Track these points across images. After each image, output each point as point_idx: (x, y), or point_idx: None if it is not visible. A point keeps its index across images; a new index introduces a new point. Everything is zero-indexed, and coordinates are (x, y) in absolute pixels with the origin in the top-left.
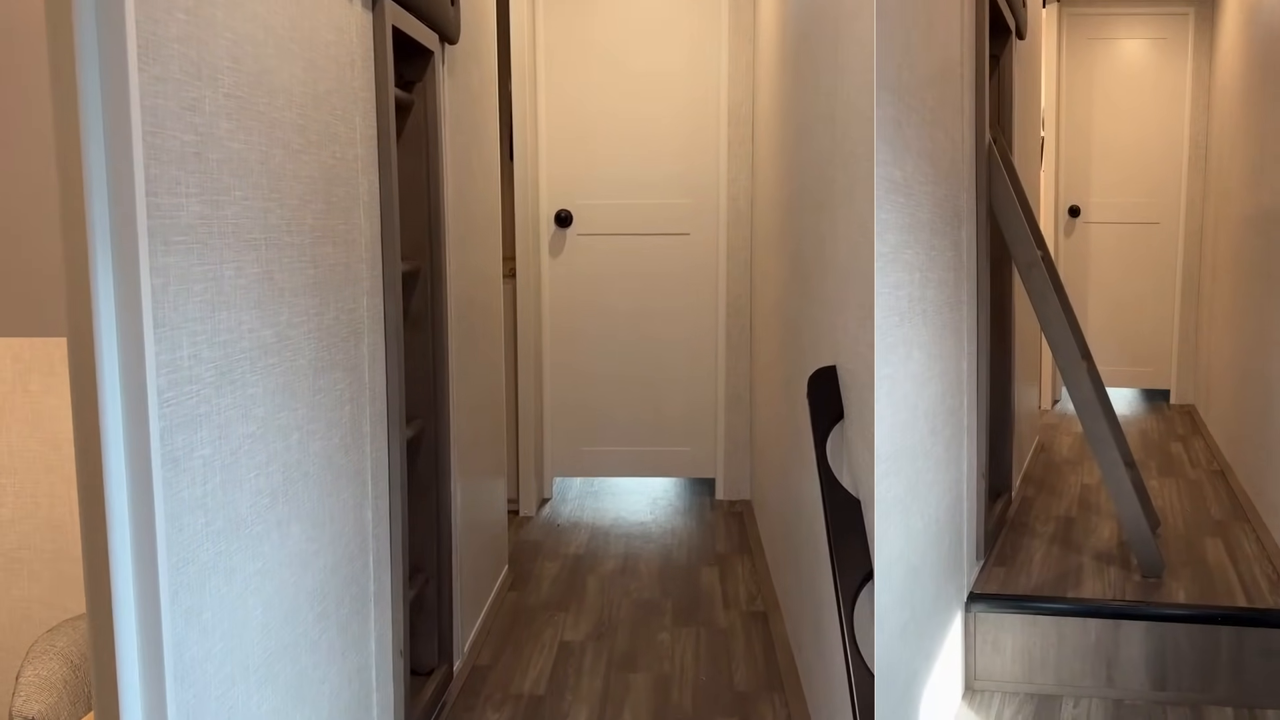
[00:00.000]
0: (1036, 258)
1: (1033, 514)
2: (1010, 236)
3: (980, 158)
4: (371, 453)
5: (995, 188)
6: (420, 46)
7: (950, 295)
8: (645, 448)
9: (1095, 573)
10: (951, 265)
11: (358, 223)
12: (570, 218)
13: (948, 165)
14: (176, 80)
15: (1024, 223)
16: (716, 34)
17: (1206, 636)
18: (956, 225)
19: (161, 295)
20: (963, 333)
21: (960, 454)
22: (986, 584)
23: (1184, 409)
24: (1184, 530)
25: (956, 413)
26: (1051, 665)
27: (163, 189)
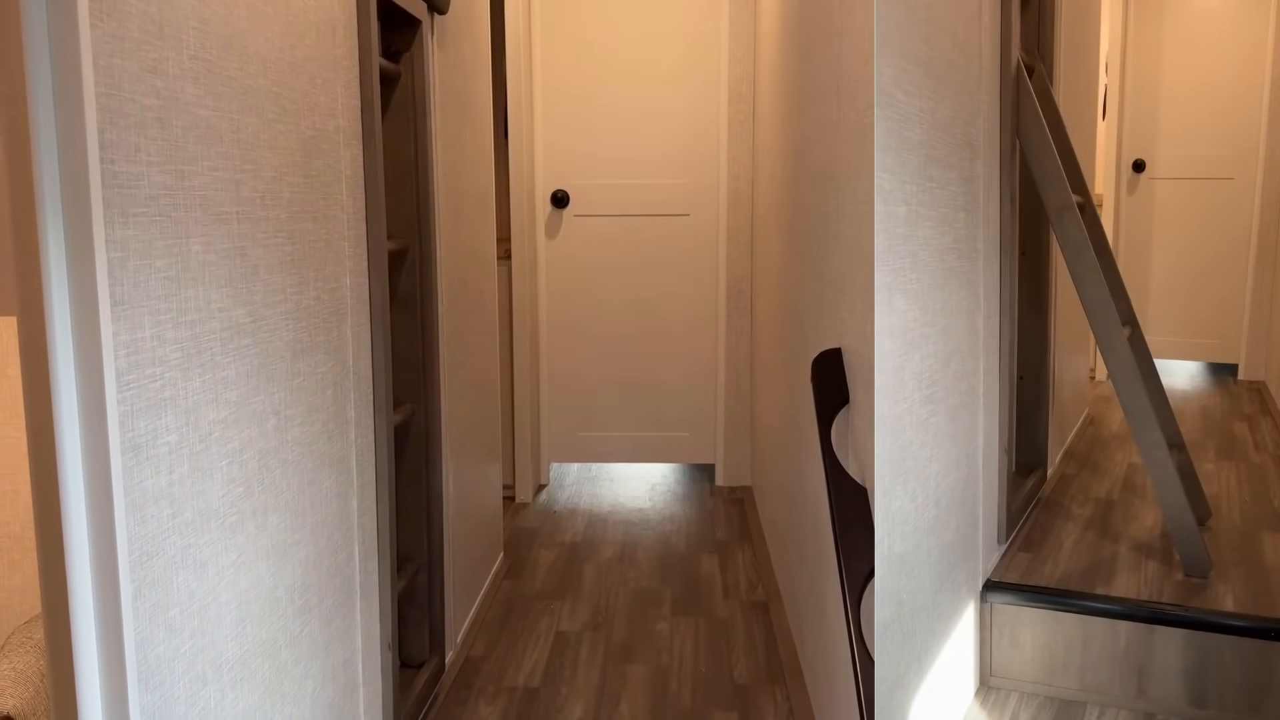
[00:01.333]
0: (1070, 201)
1: (1070, 494)
2: (1039, 175)
3: (1006, 81)
4: (356, 439)
5: (1024, 118)
6: (407, 15)
7: (957, 238)
8: (644, 433)
9: (1131, 566)
10: (961, 204)
11: (339, 198)
12: (567, 198)
13: (956, 81)
14: (135, 39)
15: (1057, 161)
16: (717, 7)
17: (1257, 651)
18: (969, 156)
19: (120, 270)
20: (978, 285)
21: (973, 425)
22: (1007, 571)
23: (1253, 386)
24: (1240, 523)
25: (967, 378)
26: (1075, 668)
27: (120, 156)
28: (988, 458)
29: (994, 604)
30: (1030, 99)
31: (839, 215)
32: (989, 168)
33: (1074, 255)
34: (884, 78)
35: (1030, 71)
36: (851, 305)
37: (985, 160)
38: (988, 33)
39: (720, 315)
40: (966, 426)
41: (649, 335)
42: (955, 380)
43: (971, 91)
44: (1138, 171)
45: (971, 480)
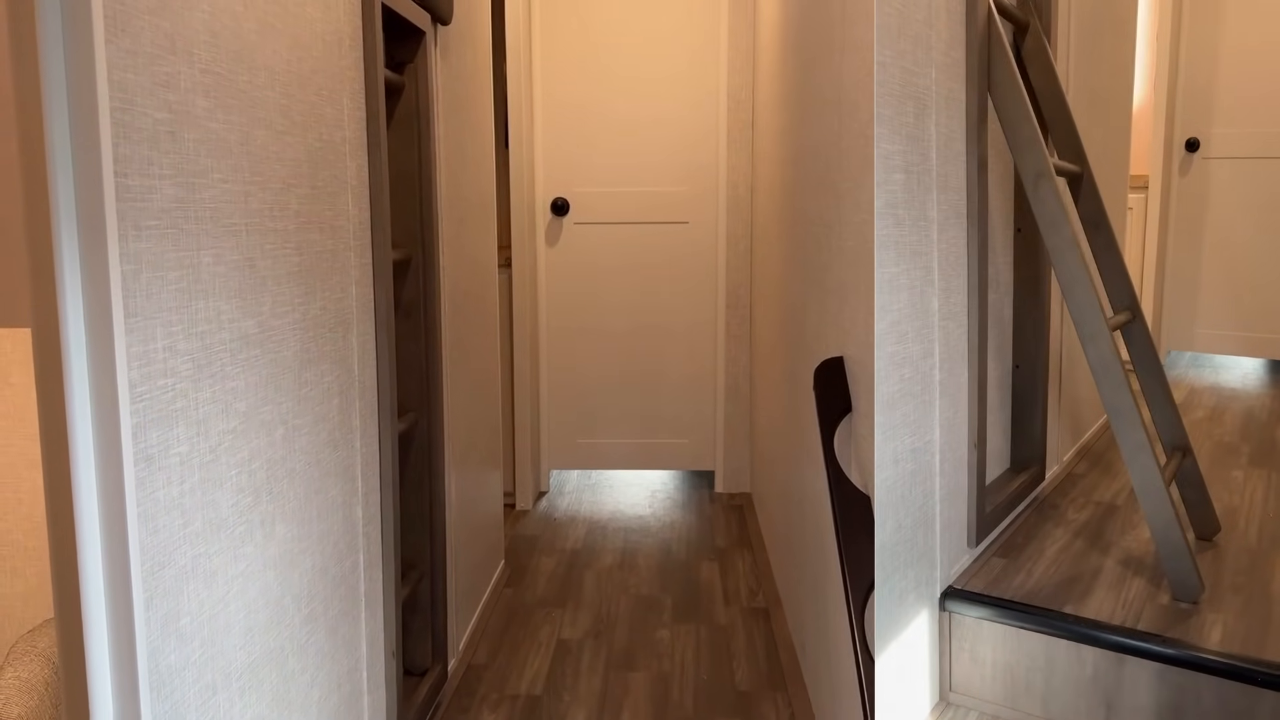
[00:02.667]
0: (1046, 168)
1: (1070, 496)
2: (1012, 138)
3: (973, 32)
4: (361, 448)
5: (996, 74)
6: (411, 26)
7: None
8: (643, 440)
9: (1114, 583)
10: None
11: (345, 208)
12: (567, 205)
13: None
14: (148, 54)
15: (1033, 123)
16: (716, 17)
17: (1243, 698)
18: (913, 112)
19: (133, 283)
20: (928, 257)
21: (925, 417)
22: (973, 578)
23: None
24: (1253, 542)
25: (920, 362)
26: (1039, 692)
27: (134, 169)
28: (947, 452)
29: (953, 613)
30: (1004, 54)
31: (840, 225)
32: (946, 128)
33: (1050, 228)
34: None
35: (1023, 29)
36: (854, 314)
37: (939, 119)
38: None
39: (720, 322)
40: (916, 418)
41: (649, 342)
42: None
43: (921, 39)
44: (1191, 151)
45: (921, 476)
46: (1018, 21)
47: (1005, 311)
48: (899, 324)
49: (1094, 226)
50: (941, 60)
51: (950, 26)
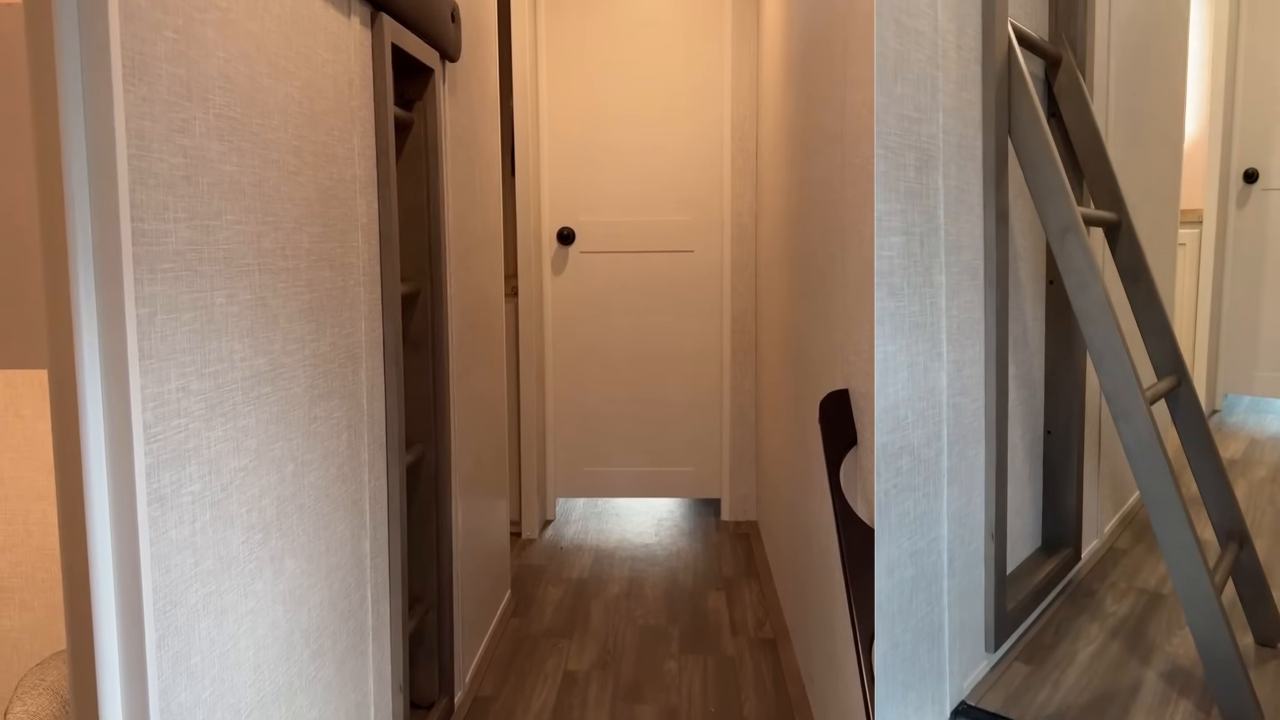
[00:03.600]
0: (1074, 221)
1: (1110, 580)
2: (1035, 186)
3: (990, 69)
4: (370, 481)
5: (1018, 115)
6: (420, 64)
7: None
8: (649, 468)
9: (1155, 705)
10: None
11: (355, 245)
12: (573, 235)
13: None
14: (165, 101)
15: (1059, 170)
16: (720, 48)
17: None
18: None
19: (148, 325)
20: (936, 328)
21: (931, 508)
22: (990, 691)
23: None
24: None
25: (923, 449)
26: None
27: (149, 214)
28: (958, 548)
29: None
30: (1026, 93)
31: (844, 257)
32: (958, 180)
33: (1078, 290)
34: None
35: (1054, 62)
36: (858, 347)
37: (949, 170)
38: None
39: (725, 350)
40: (917, 515)
41: (654, 370)
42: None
43: (924, 81)
44: (1249, 182)
45: (925, 581)
46: (1048, 55)
47: (1035, 371)
48: (895, 409)
49: (1133, 279)
50: (950, 104)
51: (962, 65)
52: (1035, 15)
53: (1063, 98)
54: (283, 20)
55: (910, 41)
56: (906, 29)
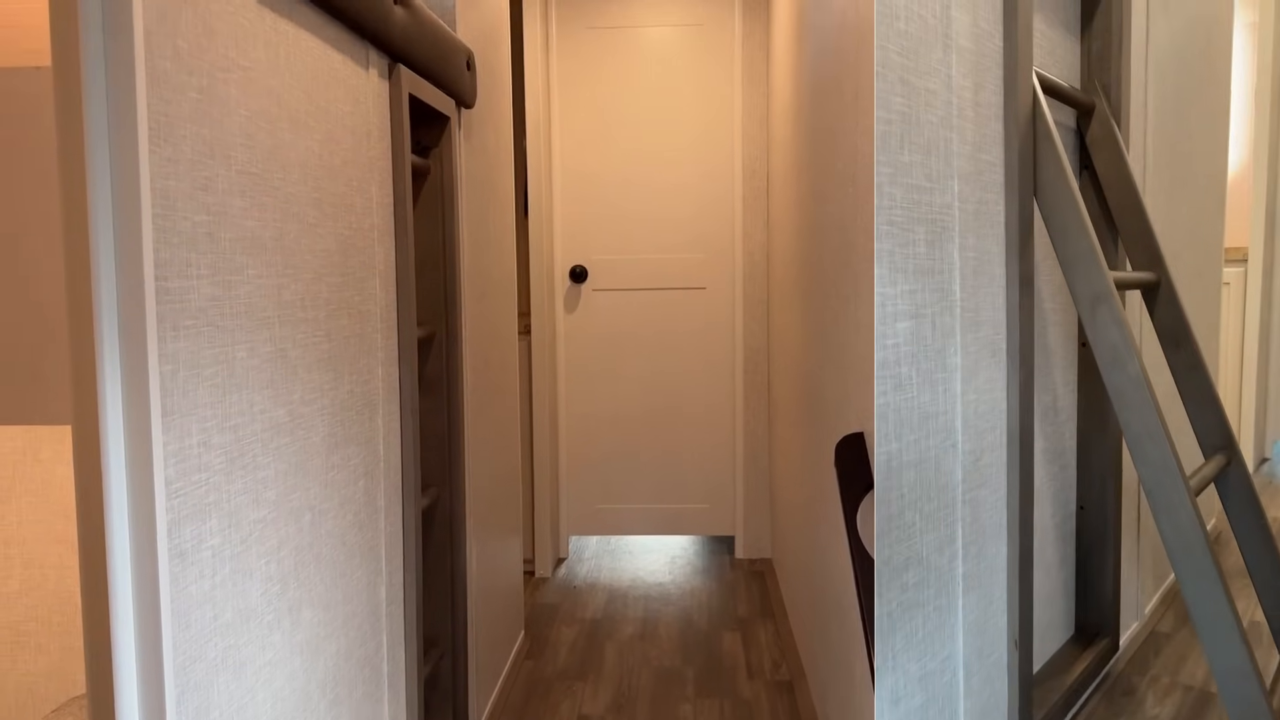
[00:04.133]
0: (1107, 289)
1: (1152, 673)
2: (1063, 252)
3: (1013, 124)
4: (385, 527)
5: (1043, 173)
6: (436, 112)
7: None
8: (662, 505)
9: None
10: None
11: (373, 293)
12: (585, 273)
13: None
14: (188, 160)
15: (1087, 231)
16: (729, 88)
17: None
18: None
19: (171, 383)
20: (950, 415)
21: (947, 624)
22: None
23: None
24: None
25: (934, 556)
26: None
27: (173, 272)
28: (975, 663)
29: None
30: (1053, 151)
31: (857, 300)
32: (975, 251)
33: (1111, 364)
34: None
35: (1086, 112)
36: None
37: (966, 241)
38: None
39: (738, 386)
40: (926, 634)
41: (667, 406)
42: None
43: (936, 146)
44: None
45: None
46: (1079, 104)
47: (1066, 441)
48: (900, 515)
49: (1174, 344)
50: (967, 168)
51: (980, 123)
52: (1065, 62)
53: (1096, 149)
54: (303, 76)
55: (920, 103)
56: (915, 89)
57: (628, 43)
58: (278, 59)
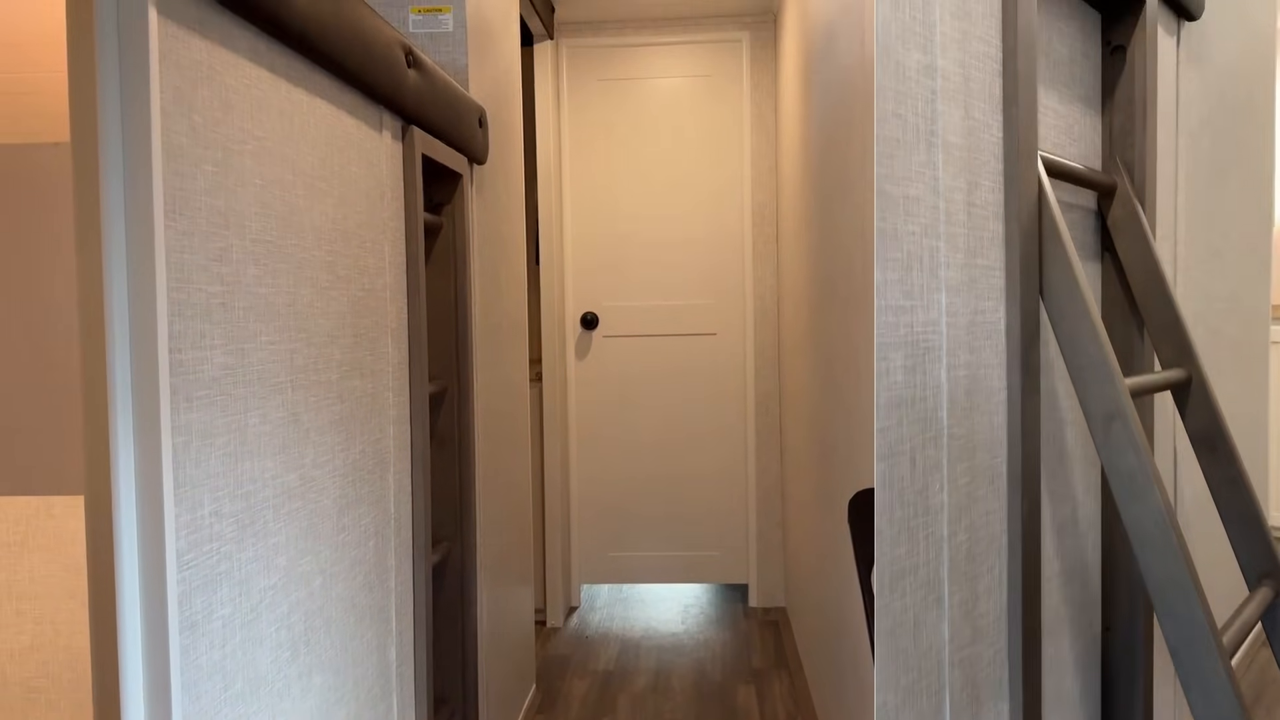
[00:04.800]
0: (1120, 406)
1: None
2: (1073, 362)
3: (1014, 220)
4: (396, 587)
5: (1051, 273)
6: (449, 170)
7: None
8: (675, 552)
9: None
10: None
11: (385, 352)
12: (596, 320)
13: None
14: (203, 233)
15: (1099, 340)
16: (739, 137)
17: None
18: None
19: (183, 454)
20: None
21: None
22: None
23: None
24: None
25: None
26: None
27: (187, 344)
28: None
29: None
30: (1060, 248)
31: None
32: (968, 372)
33: (1128, 495)
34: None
35: (1107, 192)
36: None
37: (957, 356)
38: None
39: (749, 433)
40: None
41: (679, 452)
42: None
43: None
44: None
45: None
46: (1099, 186)
47: (1088, 555)
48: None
49: (1209, 449)
50: (959, 278)
51: (975, 225)
52: (1084, 140)
53: (1118, 232)
54: (318, 143)
55: (897, 213)
56: (892, 199)
57: (638, 93)
58: (292, 127)
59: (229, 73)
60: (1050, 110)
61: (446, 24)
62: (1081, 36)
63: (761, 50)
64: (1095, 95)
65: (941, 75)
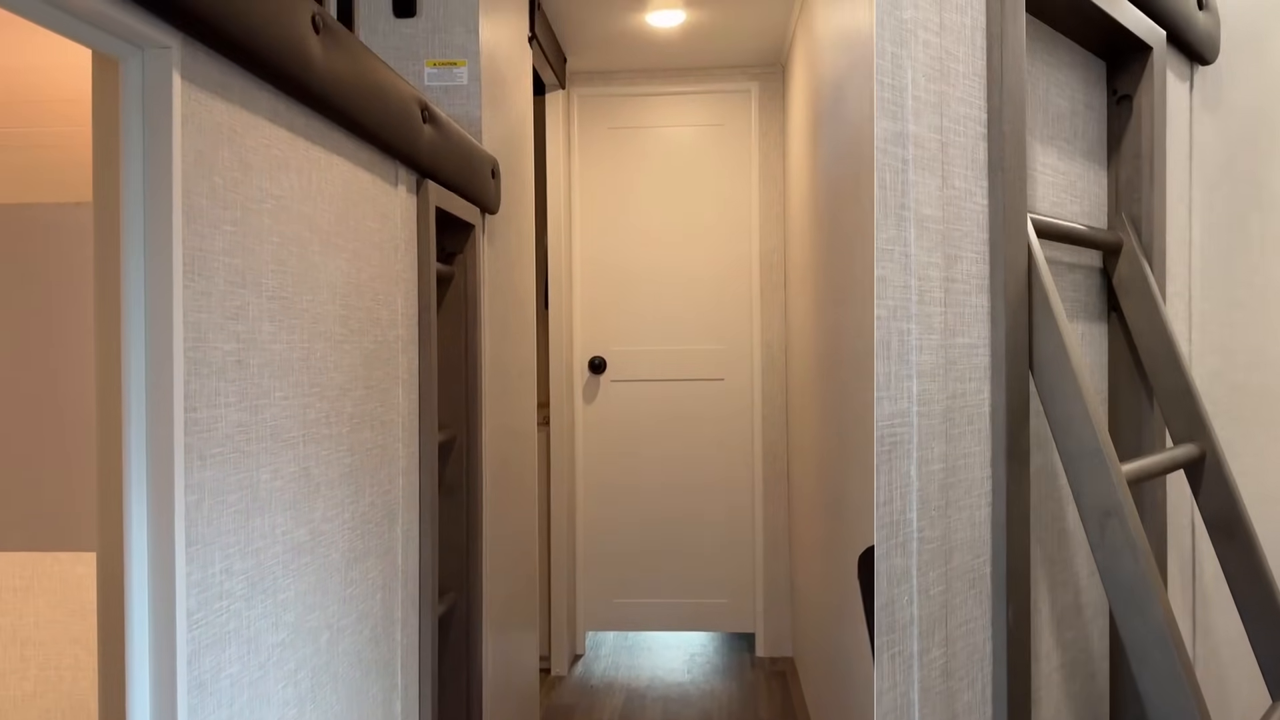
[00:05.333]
0: (1117, 501)
1: None
2: (1065, 447)
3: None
4: (402, 639)
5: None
6: (461, 221)
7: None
8: (681, 600)
9: None
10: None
11: (396, 402)
12: (604, 364)
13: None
14: (221, 292)
15: (1091, 426)
16: (747, 185)
17: None
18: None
19: (195, 513)
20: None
21: None
22: None
23: None
24: None
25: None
26: None
27: (202, 403)
28: None
29: None
30: (1051, 320)
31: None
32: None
33: (1127, 607)
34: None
35: (1113, 251)
36: None
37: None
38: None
39: (757, 478)
40: None
41: (685, 500)
42: None
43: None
44: None
45: None
46: (1103, 245)
47: (1094, 644)
48: None
49: (1227, 535)
50: (932, 362)
51: (955, 302)
52: (1089, 195)
53: (1124, 292)
54: (334, 199)
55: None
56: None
57: (647, 142)
58: (310, 185)
59: (249, 134)
60: (1049, 168)
61: (461, 77)
62: (1084, 87)
63: (770, 101)
64: (1100, 148)
65: (914, 143)
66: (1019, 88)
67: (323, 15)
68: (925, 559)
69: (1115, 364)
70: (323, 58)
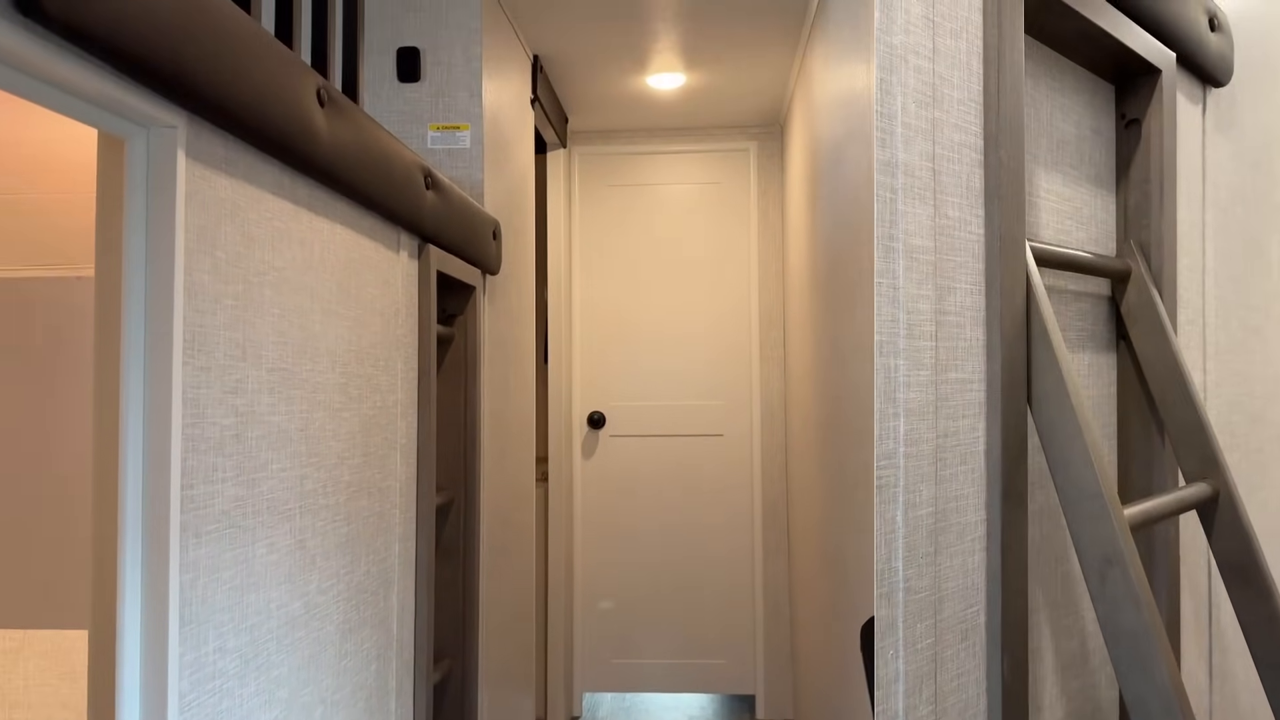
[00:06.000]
0: (1119, 549)
1: None
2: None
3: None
4: (397, 710)
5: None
6: (462, 283)
7: None
8: (680, 660)
9: None
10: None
11: (394, 468)
12: (603, 419)
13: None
14: (220, 366)
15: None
16: (746, 242)
17: None
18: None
19: (190, 591)
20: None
21: None
22: None
23: None
24: None
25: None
26: None
27: (199, 479)
28: None
29: None
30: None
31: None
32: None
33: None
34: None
35: (1121, 278)
36: None
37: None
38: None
39: (756, 535)
40: None
41: (684, 555)
42: None
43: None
44: None
45: None
46: (1110, 272)
47: (1101, 692)
48: None
49: (1241, 580)
50: (921, 399)
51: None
52: (1096, 221)
53: (1132, 321)
54: (336, 268)
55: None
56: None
57: (647, 199)
58: (312, 255)
59: (253, 208)
60: (1053, 194)
61: (464, 141)
62: (1091, 111)
63: (768, 160)
64: (1109, 174)
65: (904, 170)
66: (1017, 113)
67: (327, 89)
68: (912, 610)
69: (1124, 396)
70: (327, 130)
